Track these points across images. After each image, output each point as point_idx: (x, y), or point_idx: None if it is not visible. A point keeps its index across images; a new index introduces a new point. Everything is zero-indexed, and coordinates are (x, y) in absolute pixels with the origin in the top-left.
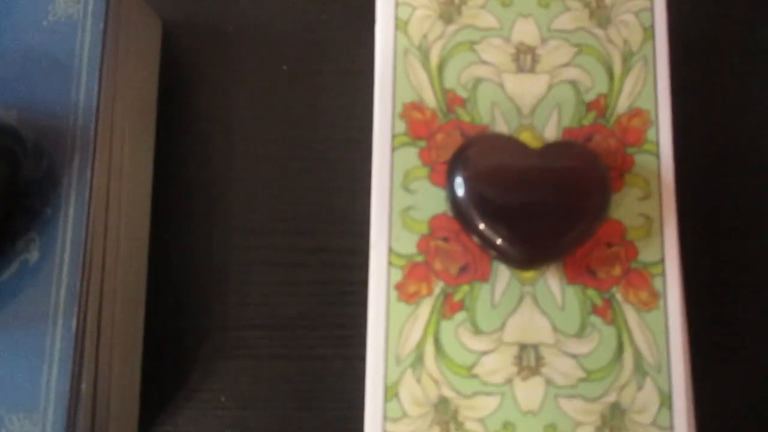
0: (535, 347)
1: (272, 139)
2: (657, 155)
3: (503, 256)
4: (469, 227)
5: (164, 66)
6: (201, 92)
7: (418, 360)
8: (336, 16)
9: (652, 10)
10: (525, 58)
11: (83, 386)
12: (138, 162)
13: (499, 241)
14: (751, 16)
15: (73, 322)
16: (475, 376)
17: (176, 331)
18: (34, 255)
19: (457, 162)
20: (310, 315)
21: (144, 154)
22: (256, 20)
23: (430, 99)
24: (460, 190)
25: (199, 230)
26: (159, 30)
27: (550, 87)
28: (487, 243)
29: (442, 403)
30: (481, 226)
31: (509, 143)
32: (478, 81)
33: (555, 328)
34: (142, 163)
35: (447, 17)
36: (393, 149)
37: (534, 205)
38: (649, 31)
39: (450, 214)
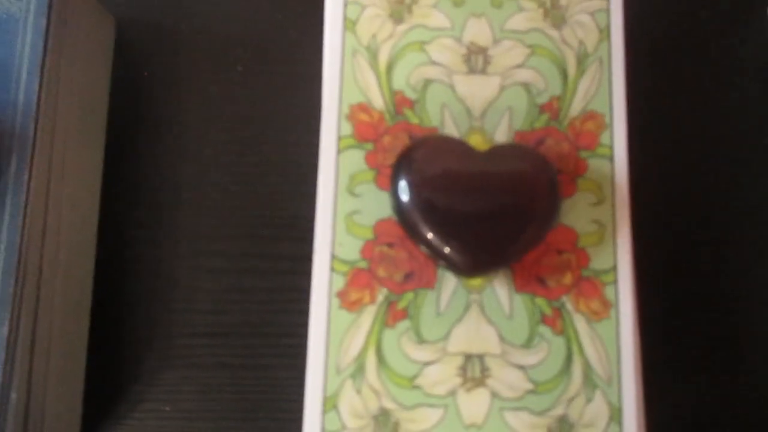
0: (481, 358)
1: (224, 141)
2: (611, 159)
3: (447, 262)
4: (412, 233)
5: (117, 65)
6: (154, 93)
7: (359, 370)
8: (292, 17)
9: (608, 10)
10: (476, 59)
11: (13, 395)
12: (84, 164)
13: (442, 248)
14: (709, 19)
15: (4, 330)
16: (417, 388)
17: (121, 339)
18: None
19: (401, 166)
20: (258, 323)
21: (92, 157)
22: (211, 20)
23: (377, 100)
24: (403, 195)
25: (148, 235)
26: (112, 29)
27: (502, 89)
28: (430, 249)
29: (383, 415)
30: (425, 231)
31: (454, 145)
32: (427, 82)
33: (502, 338)
34: (89, 165)
35: (397, 16)
36: (338, 152)
37: (479, 210)
38: (605, 32)
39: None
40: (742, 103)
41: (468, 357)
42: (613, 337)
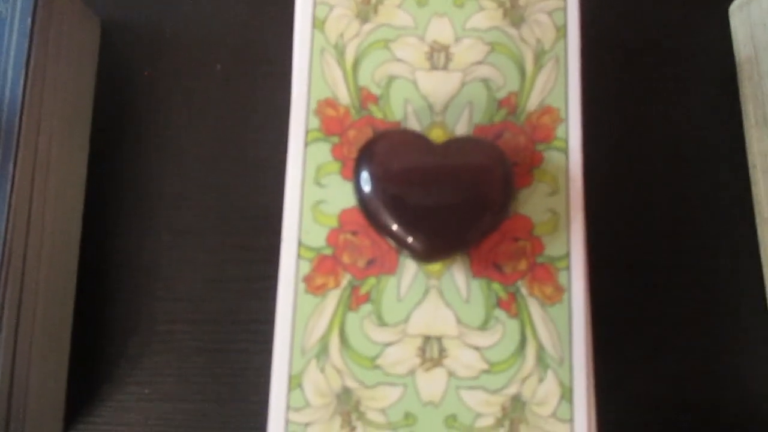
0: (439, 339)
1: (203, 136)
2: (566, 152)
3: (407, 249)
4: (373, 221)
5: (102, 64)
6: (138, 90)
7: (323, 351)
8: (268, 19)
9: (565, 10)
10: (439, 56)
11: None
12: (69, 158)
13: (402, 235)
14: (662, 17)
15: None
16: (378, 367)
17: (105, 325)
18: None
19: (362, 158)
20: (233, 310)
21: (77, 151)
22: (191, 21)
23: (344, 96)
24: (365, 186)
25: (131, 226)
26: (97, 29)
27: (463, 84)
28: (391, 237)
29: (345, 393)
30: (385, 220)
31: (413, 139)
32: (391, 78)
33: (459, 321)
34: (74, 159)
35: (363, 16)
36: (306, 144)
37: (437, 199)
38: (562, 30)
39: None
40: (695, 99)
41: (427, 338)
42: (565, 320)
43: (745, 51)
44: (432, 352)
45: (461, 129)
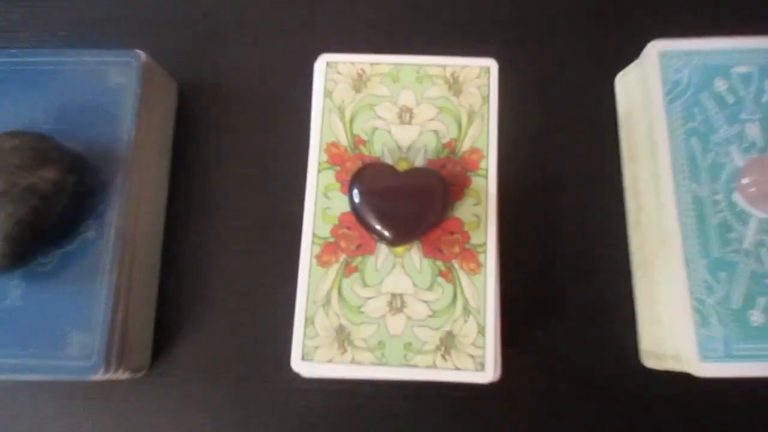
0: (401, 296)
1: (249, 165)
2: (486, 177)
3: (380, 238)
4: (360, 220)
5: (178, 117)
6: (202, 136)
7: (327, 302)
8: (298, 84)
9: (488, 86)
10: (406, 115)
11: (118, 317)
12: (156, 188)
13: (377, 228)
14: (564, 85)
15: (114, 277)
16: (362, 313)
17: (178, 295)
18: (91, 234)
19: (354, 180)
20: (268, 282)
21: (161, 183)
22: (244, 84)
23: (343, 140)
24: (356, 198)
25: (197, 229)
26: (175, 91)
27: (421, 134)
28: (370, 229)
29: (341, 328)
30: (368, 219)
31: (385, 168)
32: (374, 129)
33: (414, 285)
34: (159, 188)
35: (357, 88)
36: (318, 171)
37: (400, 207)
38: (486, 99)
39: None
40: (589, 141)
41: (393, 295)
42: (483, 284)
43: (622, 108)
44: (396, 303)
45: (419, 162)
